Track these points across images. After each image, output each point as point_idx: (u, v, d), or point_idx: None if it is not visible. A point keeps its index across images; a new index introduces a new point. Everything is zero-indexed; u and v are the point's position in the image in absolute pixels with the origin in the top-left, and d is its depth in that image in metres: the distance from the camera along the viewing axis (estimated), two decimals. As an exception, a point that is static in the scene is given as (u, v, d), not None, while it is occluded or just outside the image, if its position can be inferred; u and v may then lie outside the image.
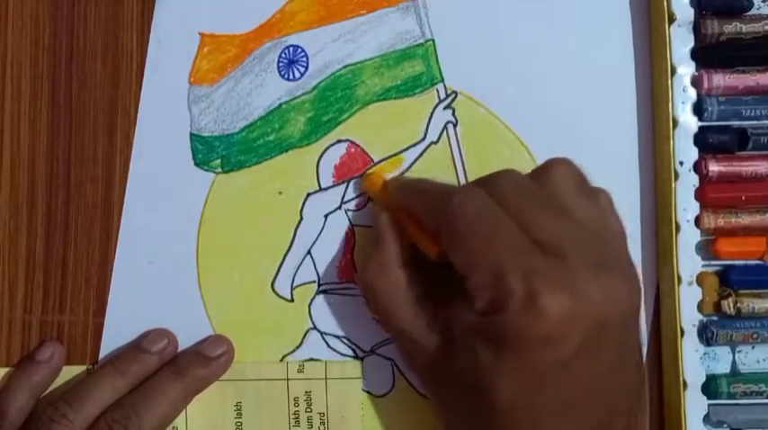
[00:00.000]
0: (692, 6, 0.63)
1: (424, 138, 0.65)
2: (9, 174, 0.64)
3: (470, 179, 0.64)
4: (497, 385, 0.51)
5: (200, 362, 0.62)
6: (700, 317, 0.62)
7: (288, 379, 0.64)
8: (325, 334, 0.64)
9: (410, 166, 0.65)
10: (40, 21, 0.65)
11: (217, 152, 0.64)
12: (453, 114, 0.65)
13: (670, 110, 0.63)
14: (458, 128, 0.65)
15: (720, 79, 0.63)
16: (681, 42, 0.63)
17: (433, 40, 0.65)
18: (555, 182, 0.55)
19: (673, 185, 0.62)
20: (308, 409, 0.64)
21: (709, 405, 0.62)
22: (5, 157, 0.64)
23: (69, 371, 0.64)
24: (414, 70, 0.65)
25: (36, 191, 0.64)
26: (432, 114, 0.65)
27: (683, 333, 0.62)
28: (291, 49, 0.64)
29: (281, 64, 0.64)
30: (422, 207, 0.59)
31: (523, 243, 0.52)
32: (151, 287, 0.64)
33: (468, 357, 0.53)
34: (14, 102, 0.64)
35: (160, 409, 0.60)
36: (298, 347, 0.64)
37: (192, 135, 0.64)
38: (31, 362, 0.63)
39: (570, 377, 0.51)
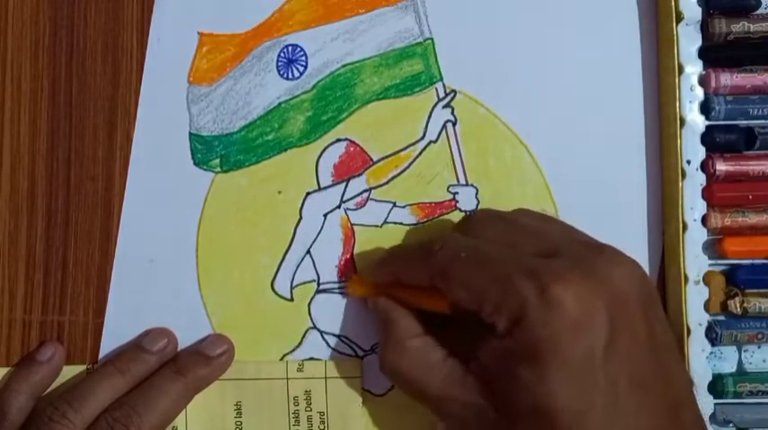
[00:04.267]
0: (699, 5, 0.64)
1: (423, 137, 0.66)
2: (9, 174, 0.66)
3: (470, 178, 0.66)
4: (552, 397, 0.51)
5: (201, 362, 0.64)
6: (706, 316, 0.64)
7: (288, 378, 0.66)
8: (325, 333, 0.66)
9: (409, 166, 0.66)
10: (40, 21, 0.66)
11: (216, 152, 0.66)
12: (453, 113, 0.66)
13: (677, 109, 0.64)
14: (457, 127, 0.66)
15: (728, 78, 0.64)
16: (688, 41, 0.64)
17: (432, 39, 0.66)
18: (515, 213, 0.61)
19: (680, 184, 0.64)
20: (308, 408, 0.66)
21: (715, 404, 0.64)
22: (5, 158, 0.66)
23: (69, 371, 0.65)
24: (413, 69, 0.66)
25: (36, 191, 0.66)
26: (431, 113, 0.66)
27: (689, 332, 0.63)
28: (290, 48, 0.66)
29: (280, 63, 0.66)
30: (407, 270, 0.60)
31: (516, 254, 0.54)
32: (151, 286, 0.66)
33: (513, 387, 0.52)
34: (14, 102, 0.66)
35: (160, 408, 0.62)
36: (297, 347, 0.66)
37: (191, 134, 0.66)
38: (32, 362, 0.64)
39: (616, 362, 0.51)
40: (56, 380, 0.65)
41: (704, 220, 0.64)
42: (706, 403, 0.64)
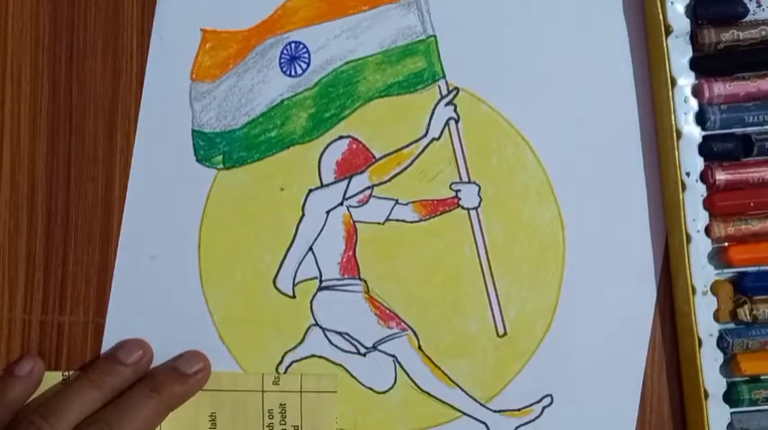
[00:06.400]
0: (687, 17, 0.66)
1: (425, 135, 0.68)
2: (9, 174, 0.68)
3: (472, 175, 0.68)
4: None
5: (177, 379, 0.66)
6: (716, 326, 0.66)
7: (263, 391, 0.68)
8: (327, 330, 0.68)
9: (412, 163, 0.68)
10: (40, 21, 0.69)
11: (218, 148, 0.68)
12: (455, 110, 0.68)
13: (673, 121, 0.66)
14: (460, 124, 0.68)
15: (721, 88, 0.66)
16: (679, 53, 0.66)
17: (435, 37, 0.68)
18: None
19: (681, 197, 0.66)
20: (283, 421, 0.68)
21: (731, 413, 0.66)
22: (5, 157, 0.68)
23: (45, 378, 0.68)
24: (415, 66, 0.68)
25: (36, 191, 0.68)
26: (433, 110, 0.68)
27: (700, 343, 0.65)
28: (293, 45, 0.68)
29: (282, 60, 0.68)
30: None
31: None
32: (153, 283, 0.68)
33: None
34: (14, 102, 0.68)
35: (134, 425, 0.64)
36: (299, 344, 0.68)
37: (193, 131, 0.68)
38: (10, 378, 0.66)
39: None
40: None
41: (707, 230, 0.66)
42: (722, 413, 0.66)
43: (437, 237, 0.69)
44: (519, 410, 0.69)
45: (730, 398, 0.66)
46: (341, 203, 0.69)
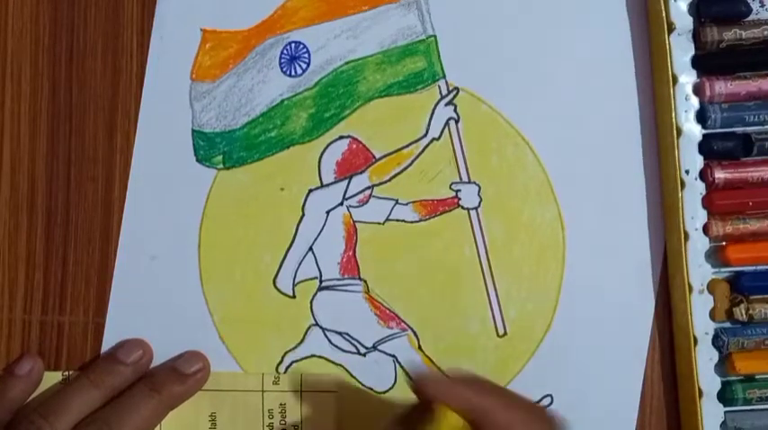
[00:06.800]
0: (690, 14, 0.66)
1: (425, 135, 0.69)
2: (9, 173, 0.69)
3: (472, 175, 0.68)
4: None
5: (177, 379, 0.67)
6: (712, 325, 0.66)
7: (263, 390, 0.68)
8: (327, 330, 0.68)
9: (412, 163, 0.68)
10: (40, 21, 0.69)
11: (218, 148, 0.68)
12: (455, 110, 0.68)
13: (673, 119, 0.66)
14: (460, 124, 0.68)
15: (722, 86, 0.66)
16: (681, 51, 0.66)
17: (435, 36, 0.68)
18: None
19: (679, 194, 0.66)
20: (282, 421, 0.68)
21: (725, 412, 0.66)
22: (5, 157, 0.69)
23: (45, 378, 0.68)
24: (415, 66, 0.68)
25: (36, 191, 0.69)
26: (433, 110, 0.69)
27: (696, 341, 0.66)
28: (293, 45, 0.68)
29: (282, 60, 0.68)
30: None
31: None
32: (153, 283, 0.68)
33: None
34: (14, 102, 0.69)
35: (133, 425, 0.64)
36: (299, 344, 0.68)
37: (193, 131, 0.68)
38: (10, 377, 0.67)
39: None
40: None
41: (705, 229, 0.66)
42: (716, 412, 0.66)
43: (437, 237, 0.69)
44: (519, 410, 0.69)
45: (724, 397, 0.67)
46: (341, 203, 0.69)
